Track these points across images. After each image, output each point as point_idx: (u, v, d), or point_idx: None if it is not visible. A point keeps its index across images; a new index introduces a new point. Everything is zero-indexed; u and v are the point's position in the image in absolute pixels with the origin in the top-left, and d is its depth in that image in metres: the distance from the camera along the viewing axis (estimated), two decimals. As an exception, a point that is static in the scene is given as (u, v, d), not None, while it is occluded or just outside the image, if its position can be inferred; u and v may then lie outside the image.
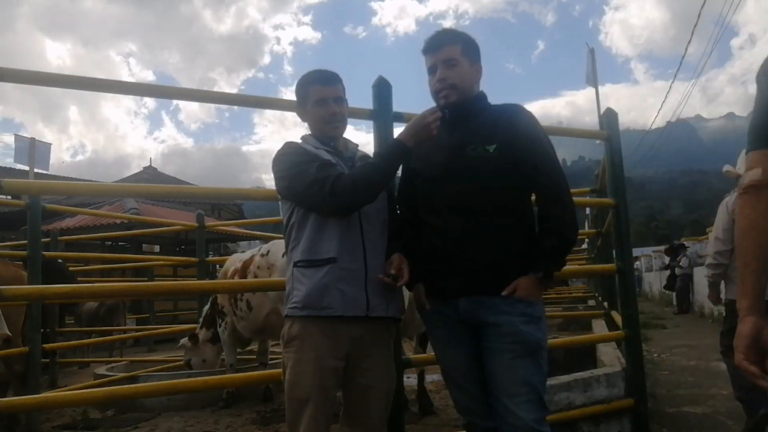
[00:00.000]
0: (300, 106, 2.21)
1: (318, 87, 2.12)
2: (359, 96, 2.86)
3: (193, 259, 7.15)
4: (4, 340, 3.95)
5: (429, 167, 2.10)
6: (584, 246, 11.13)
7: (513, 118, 2.05)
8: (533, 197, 2.15)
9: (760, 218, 1.26)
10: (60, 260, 6.74)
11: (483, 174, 1.99)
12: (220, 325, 5.47)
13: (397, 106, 2.79)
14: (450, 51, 2.07)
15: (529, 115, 2.08)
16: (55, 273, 5.84)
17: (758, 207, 1.27)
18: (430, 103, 2.12)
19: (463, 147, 2.02)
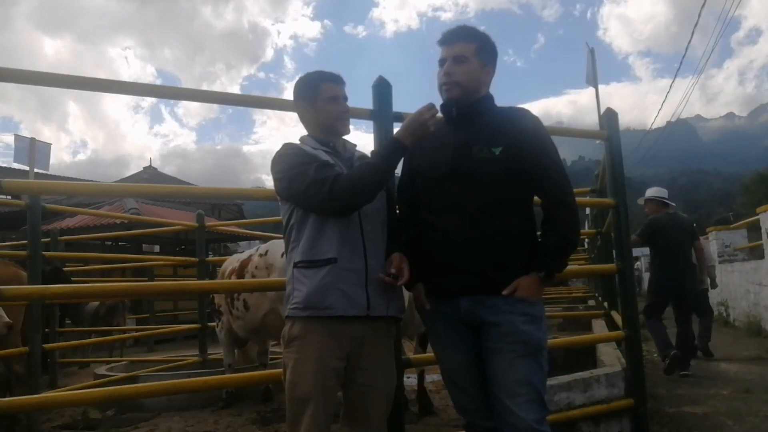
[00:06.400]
0: (308, 103, 2.16)
1: (331, 84, 2.13)
2: (359, 96, 2.85)
3: (193, 259, 7.13)
4: (8, 327, 3.98)
5: (433, 166, 2.10)
6: (584, 246, 11.12)
7: (519, 122, 2.06)
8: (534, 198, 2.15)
9: None
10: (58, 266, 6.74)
11: (488, 175, 2.00)
12: (217, 325, 5.47)
13: (397, 106, 2.76)
14: (462, 48, 2.06)
15: (535, 119, 2.09)
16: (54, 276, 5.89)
17: None
18: (430, 101, 2.11)
19: (469, 147, 2.02)
